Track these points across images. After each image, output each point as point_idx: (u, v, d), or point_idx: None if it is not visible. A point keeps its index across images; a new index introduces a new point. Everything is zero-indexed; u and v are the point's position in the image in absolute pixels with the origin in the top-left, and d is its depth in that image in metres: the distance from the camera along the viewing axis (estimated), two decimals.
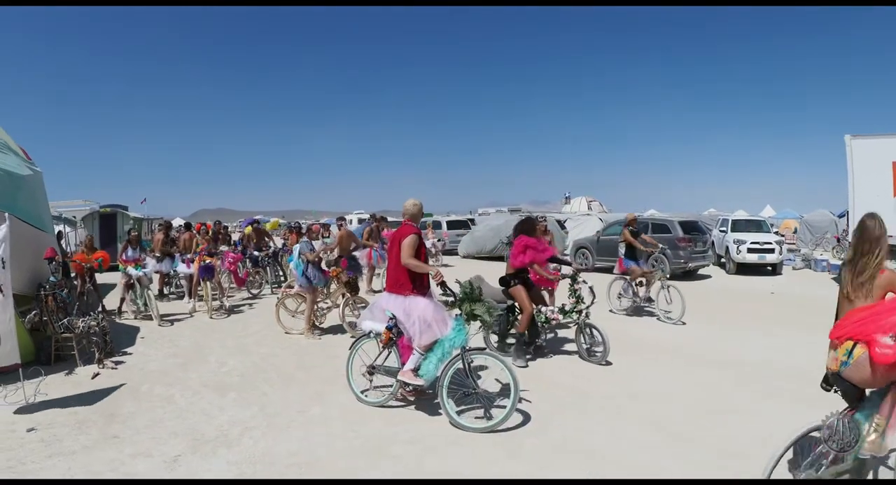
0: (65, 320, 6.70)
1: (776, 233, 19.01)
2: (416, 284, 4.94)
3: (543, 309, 6.43)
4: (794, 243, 22.90)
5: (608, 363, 6.23)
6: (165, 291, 11.73)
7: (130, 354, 7.05)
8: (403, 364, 4.93)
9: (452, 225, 23.54)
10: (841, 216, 21.15)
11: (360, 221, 33.75)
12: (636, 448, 4.12)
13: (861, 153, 12.55)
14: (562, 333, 7.72)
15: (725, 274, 15.72)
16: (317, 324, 8.21)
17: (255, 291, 12.14)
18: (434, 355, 4.74)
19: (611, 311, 9.21)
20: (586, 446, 4.16)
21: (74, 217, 16.90)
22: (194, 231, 12.42)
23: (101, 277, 13.18)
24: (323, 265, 8.43)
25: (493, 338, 6.81)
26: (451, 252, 22.13)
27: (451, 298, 4.92)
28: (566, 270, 7.23)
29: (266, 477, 3.72)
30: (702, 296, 11.31)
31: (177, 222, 41.96)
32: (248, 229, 14.74)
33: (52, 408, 5.03)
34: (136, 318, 9.19)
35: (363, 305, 8.32)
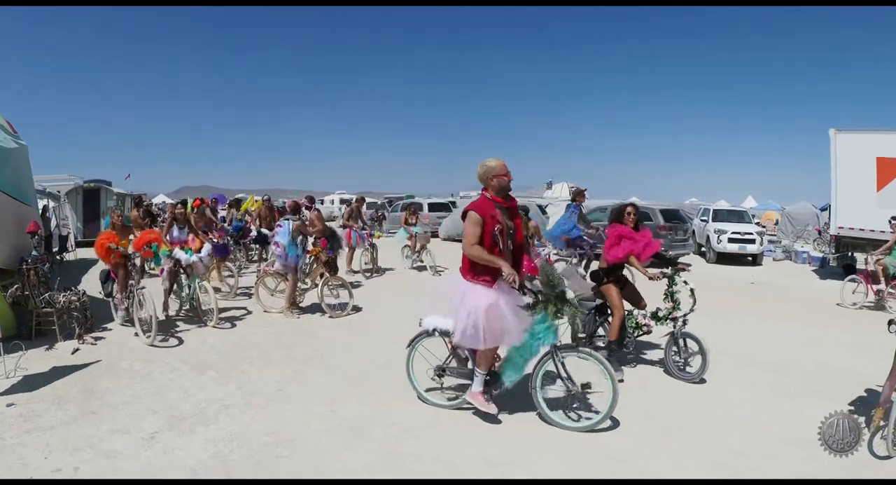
0: (46, 295, 6.68)
1: (757, 224, 19.23)
2: (479, 269, 4.06)
3: (635, 312, 5.66)
4: (775, 235, 23.16)
5: (702, 381, 5.33)
6: (146, 268, 11.64)
7: (111, 330, 7.05)
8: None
9: (434, 207, 23.62)
10: (823, 209, 21.39)
11: (343, 201, 33.58)
12: (618, 433, 4.19)
13: (845, 148, 12.67)
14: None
15: (705, 263, 15.91)
16: (297, 303, 8.23)
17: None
18: (520, 357, 4.19)
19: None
20: (569, 433, 4.20)
21: (58, 192, 16.66)
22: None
23: (81, 252, 13.05)
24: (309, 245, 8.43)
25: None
26: (433, 234, 22.25)
27: (532, 300, 4.07)
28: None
29: (243, 455, 3.77)
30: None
31: (158, 199, 41.51)
32: (255, 205, 14.42)
33: (31, 383, 5.04)
34: (177, 314, 7.78)
35: (340, 283, 8.37)
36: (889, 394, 3.96)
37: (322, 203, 34.91)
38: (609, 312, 5.61)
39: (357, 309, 8.32)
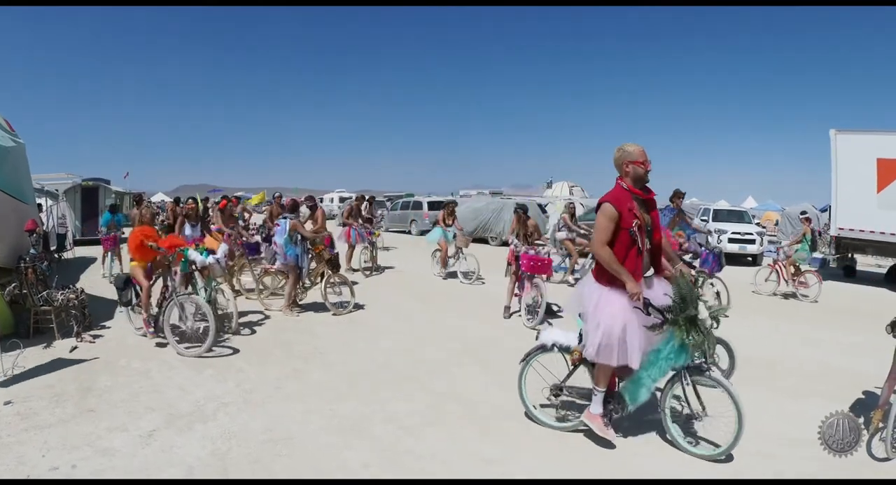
0: (44, 293, 6.66)
1: (757, 224, 19.24)
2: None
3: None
4: (774, 235, 23.17)
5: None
6: None
7: (109, 327, 7.03)
8: (609, 388, 3.94)
9: (433, 206, 23.65)
10: (823, 210, 21.39)
11: (342, 199, 33.61)
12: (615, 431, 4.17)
13: (846, 148, 12.66)
14: (557, 315, 7.79)
15: None
16: (297, 301, 8.22)
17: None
18: (648, 377, 3.73)
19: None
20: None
21: (57, 190, 16.64)
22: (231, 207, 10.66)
23: (79, 250, 12.99)
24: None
25: None
26: None
27: (660, 320, 3.60)
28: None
29: (241, 453, 3.76)
30: None
31: (157, 198, 41.43)
32: (256, 200, 14.00)
33: (29, 381, 5.02)
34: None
35: (342, 281, 8.36)
36: (888, 396, 3.95)
37: (322, 201, 34.90)
38: None
39: (358, 307, 8.31)
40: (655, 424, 4.10)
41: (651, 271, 3.90)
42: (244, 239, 9.14)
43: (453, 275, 11.48)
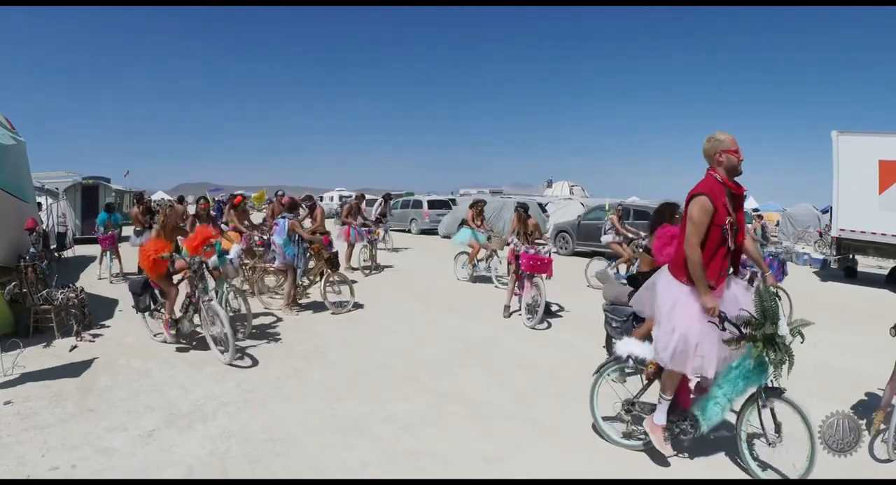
0: (44, 292, 6.66)
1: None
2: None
3: None
4: (776, 236, 23.15)
5: None
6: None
7: (109, 327, 7.02)
8: (682, 405, 3.69)
9: (434, 204, 23.65)
10: (825, 212, 21.37)
11: (342, 198, 33.71)
12: None
13: (847, 149, 12.64)
14: (556, 314, 7.79)
15: None
16: (297, 300, 8.21)
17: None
18: (724, 396, 3.42)
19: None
20: (564, 429, 4.23)
21: (57, 189, 16.65)
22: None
23: (79, 248, 12.93)
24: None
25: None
26: (432, 232, 22.31)
27: (737, 334, 3.29)
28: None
29: (241, 453, 3.75)
30: None
31: (157, 196, 41.42)
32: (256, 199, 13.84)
33: (29, 381, 5.01)
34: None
35: (342, 280, 8.35)
36: (890, 397, 3.94)
37: (322, 200, 34.94)
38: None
39: (357, 306, 8.30)
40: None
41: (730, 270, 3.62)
42: (266, 237, 8.83)
43: (481, 279, 11.06)
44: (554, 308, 8.44)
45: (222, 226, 9.07)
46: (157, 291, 6.21)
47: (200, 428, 4.12)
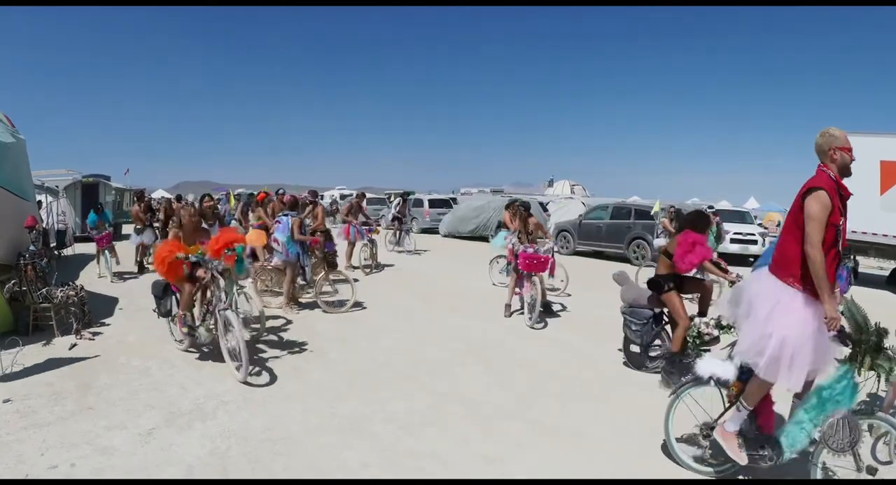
0: (43, 290, 6.64)
1: (759, 225, 19.21)
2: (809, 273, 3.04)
3: (697, 320, 5.12)
4: (777, 236, 23.09)
5: None
6: (146, 262, 11.62)
7: (109, 325, 7.02)
8: (759, 427, 3.41)
9: (434, 203, 23.63)
10: None
11: (342, 196, 33.74)
12: (615, 431, 4.19)
13: None
14: (556, 314, 7.78)
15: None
16: (296, 298, 8.19)
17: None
18: (809, 421, 3.17)
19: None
20: (565, 429, 4.22)
21: (57, 186, 16.63)
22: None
23: (79, 246, 12.92)
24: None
25: (634, 349, 5.73)
26: (433, 231, 22.29)
27: (846, 346, 3.12)
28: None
29: (240, 452, 3.74)
30: None
31: (157, 194, 41.38)
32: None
33: (28, 379, 5.01)
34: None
35: (342, 279, 8.33)
36: (892, 399, 3.92)
37: (322, 198, 34.86)
38: (667, 321, 5.39)
39: (358, 305, 8.28)
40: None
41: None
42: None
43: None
44: (555, 308, 8.43)
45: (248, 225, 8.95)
46: (178, 296, 5.82)
47: (200, 427, 4.11)
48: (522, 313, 7.66)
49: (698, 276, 5.92)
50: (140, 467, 3.51)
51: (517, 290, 7.84)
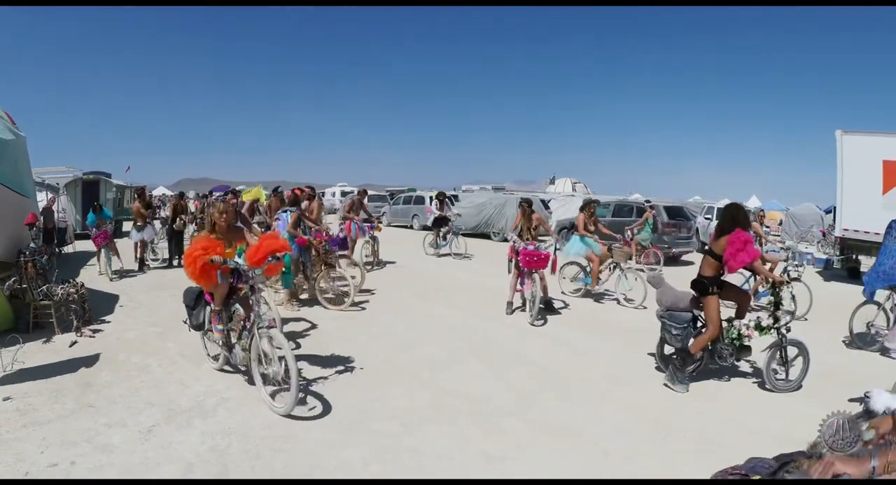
0: (44, 287, 6.63)
1: (761, 223, 19.19)
2: None
3: (737, 323, 5.15)
4: (778, 235, 23.06)
5: (799, 387, 5.11)
6: (147, 259, 11.59)
7: (109, 322, 7.00)
8: None
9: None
10: (828, 212, 21.30)
11: (343, 193, 33.71)
12: (615, 431, 4.18)
13: (851, 149, 12.60)
14: (558, 312, 7.76)
15: None
16: (297, 295, 8.17)
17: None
18: None
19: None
20: (565, 428, 4.21)
21: (57, 184, 16.60)
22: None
23: (79, 244, 12.86)
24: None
25: (668, 349, 5.59)
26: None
27: None
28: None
29: (241, 449, 3.73)
30: (684, 282, 11.42)
31: (158, 191, 41.34)
32: (249, 195, 13.10)
33: (28, 376, 4.99)
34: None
35: (340, 277, 8.31)
36: None
37: (323, 195, 34.85)
38: (703, 324, 5.26)
39: (359, 303, 8.27)
40: (658, 425, 4.07)
41: None
42: (326, 233, 8.30)
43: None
44: (557, 305, 8.41)
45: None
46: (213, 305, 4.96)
47: (200, 424, 4.10)
48: (524, 311, 7.64)
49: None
50: (140, 465, 3.50)
51: (518, 287, 7.83)
